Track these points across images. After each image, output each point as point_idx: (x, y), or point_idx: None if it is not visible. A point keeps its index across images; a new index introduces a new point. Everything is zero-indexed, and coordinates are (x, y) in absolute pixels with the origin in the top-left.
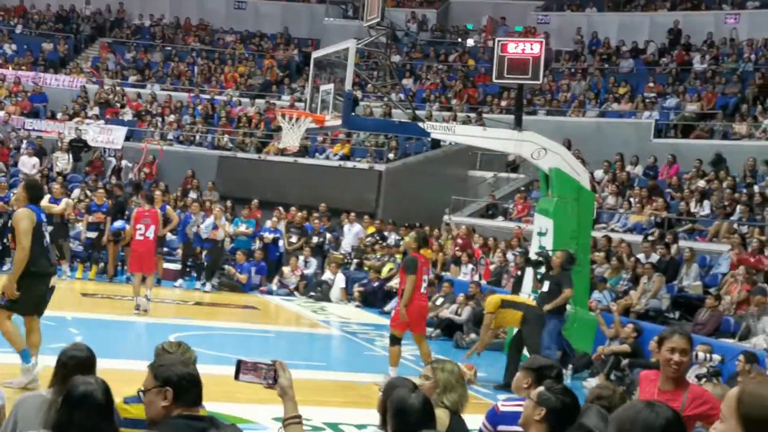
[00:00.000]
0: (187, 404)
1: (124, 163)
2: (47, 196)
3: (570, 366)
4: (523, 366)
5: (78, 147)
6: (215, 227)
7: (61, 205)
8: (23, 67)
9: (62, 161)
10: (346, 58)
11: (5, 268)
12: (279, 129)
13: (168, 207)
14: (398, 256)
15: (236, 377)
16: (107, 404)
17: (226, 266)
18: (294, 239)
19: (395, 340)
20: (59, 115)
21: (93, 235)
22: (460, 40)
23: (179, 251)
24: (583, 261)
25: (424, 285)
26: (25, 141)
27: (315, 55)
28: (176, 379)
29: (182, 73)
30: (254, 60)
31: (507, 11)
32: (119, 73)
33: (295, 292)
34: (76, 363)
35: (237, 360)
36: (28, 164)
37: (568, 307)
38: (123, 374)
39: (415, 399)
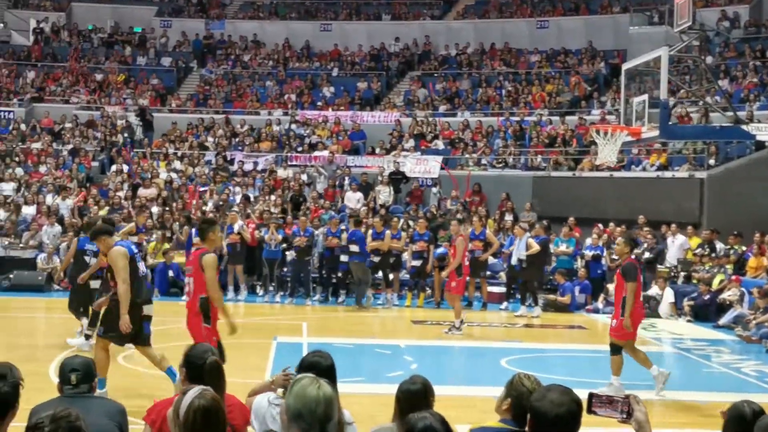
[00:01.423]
0: None
1: (440, 190)
2: (370, 232)
3: None
4: None
5: (397, 179)
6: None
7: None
8: (342, 108)
9: (384, 194)
10: (657, 67)
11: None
12: (592, 144)
13: (488, 231)
14: (729, 267)
15: (589, 411)
16: None
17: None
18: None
19: (617, 350)
20: (377, 150)
21: (418, 263)
22: None
23: (502, 274)
24: None
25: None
26: (347, 178)
27: (626, 66)
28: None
29: (491, 98)
30: (561, 77)
31: None
32: (430, 104)
33: None
34: (411, 397)
35: (589, 393)
36: (353, 199)
37: None
38: (460, 401)
39: None
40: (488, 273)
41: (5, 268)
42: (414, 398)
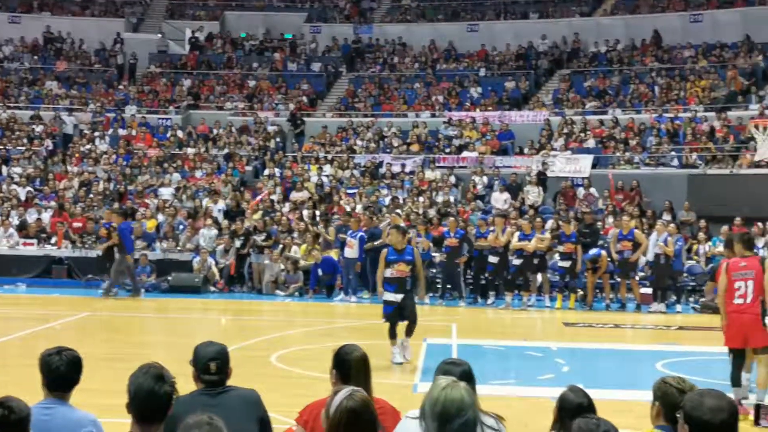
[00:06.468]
0: None
1: (592, 190)
2: (516, 233)
3: None
4: None
5: (546, 179)
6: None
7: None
8: (489, 108)
9: (533, 194)
10: None
11: None
12: (749, 140)
13: (636, 231)
14: None
15: (756, 422)
16: None
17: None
18: None
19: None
20: (526, 150)
21: (566, 264)
22: None
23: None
24: None
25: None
26: (496, 178)
27: None
28: None
29: (642, 95)
30: (716, 72)
31: None
32: (579, 102)
33: None
34: (572, 407)
35: (756, 404)
36: (500, 200)
37: None
38: (614, 405)
39: None
40: (641, 274)
41: (164, 270)
42: (575, 408)
